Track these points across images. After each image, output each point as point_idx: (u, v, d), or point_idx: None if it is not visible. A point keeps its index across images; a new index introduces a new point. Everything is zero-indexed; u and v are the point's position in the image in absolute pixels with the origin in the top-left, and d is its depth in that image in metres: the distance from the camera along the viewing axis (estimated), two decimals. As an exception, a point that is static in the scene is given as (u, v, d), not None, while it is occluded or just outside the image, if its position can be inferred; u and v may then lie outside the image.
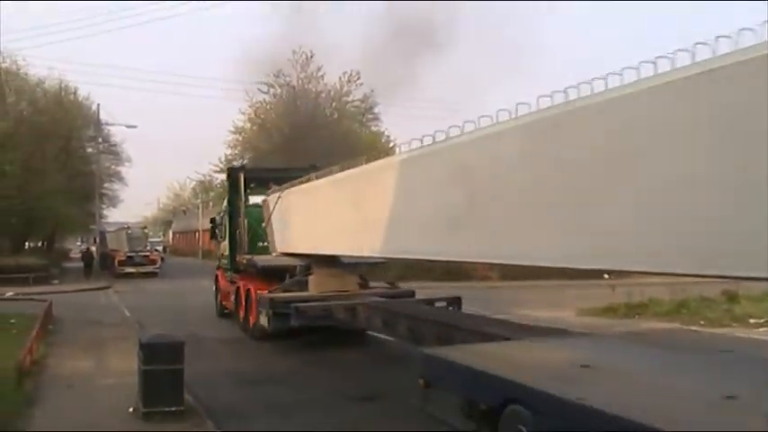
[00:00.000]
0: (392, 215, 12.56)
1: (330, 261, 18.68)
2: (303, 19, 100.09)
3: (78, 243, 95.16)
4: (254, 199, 22.97)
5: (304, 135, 57.03)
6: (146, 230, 67.44)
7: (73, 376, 15.14)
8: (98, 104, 57.31)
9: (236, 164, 37.82)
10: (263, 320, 19.11)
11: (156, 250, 63.04)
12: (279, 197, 20.06)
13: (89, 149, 61.38)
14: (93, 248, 58.65)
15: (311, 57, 60.74)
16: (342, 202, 15.22)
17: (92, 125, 57.88)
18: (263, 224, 21.65)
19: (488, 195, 9.70)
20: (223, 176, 61.93)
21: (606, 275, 7.74)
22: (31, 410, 12.36)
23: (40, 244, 63.12)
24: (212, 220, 29.64)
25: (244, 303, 22.17)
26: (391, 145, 60.06)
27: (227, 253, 25.34)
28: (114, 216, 78.29)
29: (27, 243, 58.36)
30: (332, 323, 17.79)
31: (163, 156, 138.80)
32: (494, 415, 7.78)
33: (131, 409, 11.99)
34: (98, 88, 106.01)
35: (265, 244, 21.98)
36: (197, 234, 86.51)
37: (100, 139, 59.11)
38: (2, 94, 50.52)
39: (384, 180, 12.77)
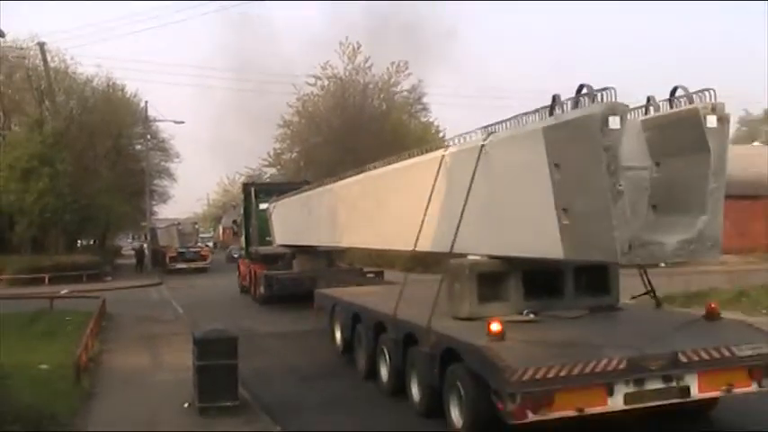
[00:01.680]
0: (309, 222, 23.62)
1: (308, 249, 26.38)
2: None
3: (129, 240, 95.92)
4: (264, 206, 30.41)
5: (354, 128, 56.29)
6: (196, 226, 67.80)
7: (128, 372, 15.21)
8: (146, 101, 57.50)
9: (247, 181, 46.50)
10: (262, 290, 28.22)
11: (207, 245, 63.27)
12: (275, 206, 28.62)
13: (138, 146, 61.62)
14: (145, 245, 58.95)
15: (359, 48, 60.25)
16: (301, 211, 24.66)
17: (140, 122, 58.07)
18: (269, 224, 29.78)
19: (316, 216, 22.35)
20: (273, 170, 62.19)
21: (662, 264, 8.59)
22: (89, 406, 12.41)
23: (92, 242, 63.63)
24: (234, 222, 40.87)
25: (253, 280, 30.53)
26: (441, 135, 59.52)
27: (244, 246, 34.25)
28: (164, 212, 78.61)
29: (80, 241, 58.89)
30: (302, 289, 24.43)
31: (212, 152, 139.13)
32: (332, 312, 17.13)
33: (187, 405, 12.00)
34: (144, 84, 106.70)
35: (270, 238, 29.57)
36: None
37: (149, 136, 59.22)
38: (52, 93, 51.09)
39: (294, 202, 25.91)
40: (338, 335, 16.70)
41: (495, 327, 9.53)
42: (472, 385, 9.56)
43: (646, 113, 9.70)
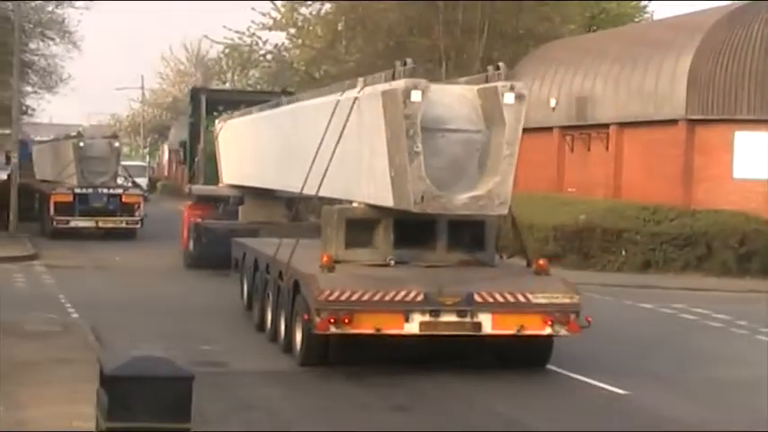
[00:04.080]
0: (260, 154, 19.40)
1: (263, 193, 20.54)
2: None
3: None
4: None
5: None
6: (116, 144, 33.45)
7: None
8: None
9: (198, 85, 37.09)
10: (190, 246, 22.31)
11: (136, 184, 34.58)
12: (222, 126, 22.25)
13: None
14: (5, 176, 33.95)
15: None
16: (253, 139, 19.76)
17: None
18: None
19: (268, 147, 18.62)
20: (280, 40, 42.79)
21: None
22: None
23: None
24: (183, 144, 28.50)
25: (186, 233, 23.22)
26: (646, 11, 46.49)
27: (188, 182, 26.46)
28: (51, 111, 49.19)
29: None
30: None
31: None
32: (241, 263, 16.69)
33: None
34: None
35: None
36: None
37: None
38: None
39: (245, 124, 20.77)
40: (245, 288, 16.48)
41: (325, 258, 11.60)
42: (305, 309, 11.51)
43: (486, 82, 11.52)
